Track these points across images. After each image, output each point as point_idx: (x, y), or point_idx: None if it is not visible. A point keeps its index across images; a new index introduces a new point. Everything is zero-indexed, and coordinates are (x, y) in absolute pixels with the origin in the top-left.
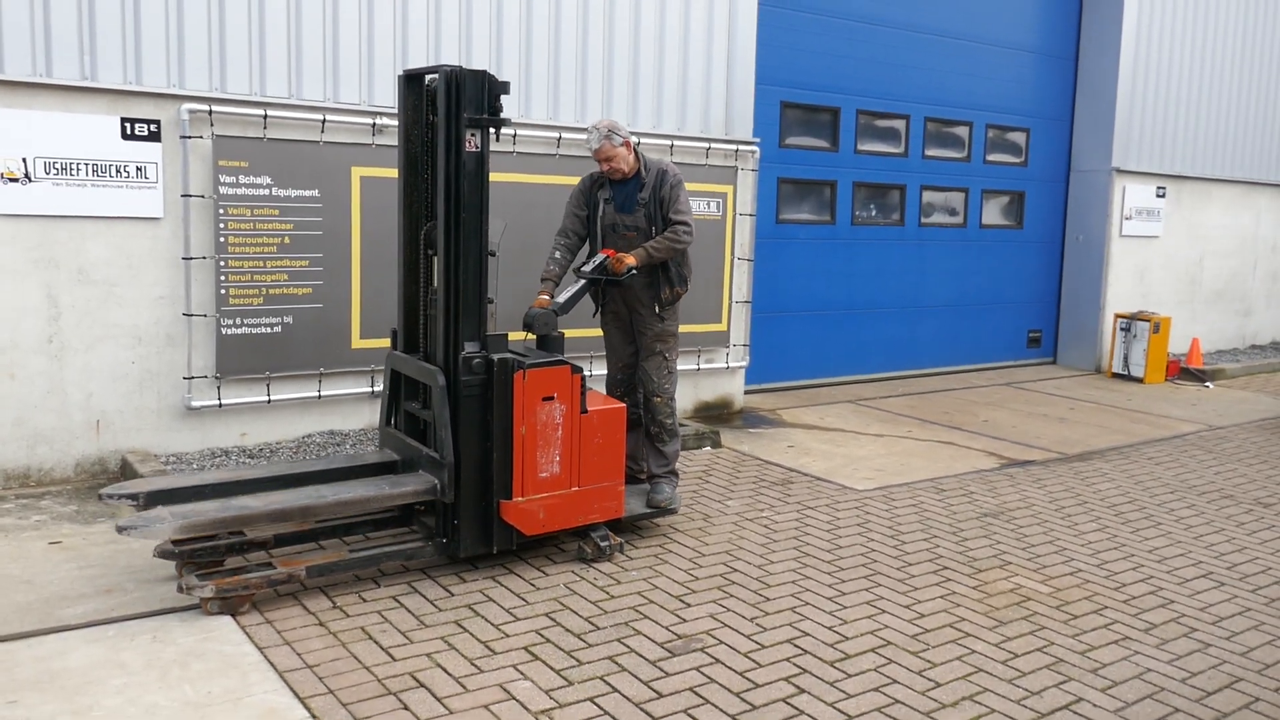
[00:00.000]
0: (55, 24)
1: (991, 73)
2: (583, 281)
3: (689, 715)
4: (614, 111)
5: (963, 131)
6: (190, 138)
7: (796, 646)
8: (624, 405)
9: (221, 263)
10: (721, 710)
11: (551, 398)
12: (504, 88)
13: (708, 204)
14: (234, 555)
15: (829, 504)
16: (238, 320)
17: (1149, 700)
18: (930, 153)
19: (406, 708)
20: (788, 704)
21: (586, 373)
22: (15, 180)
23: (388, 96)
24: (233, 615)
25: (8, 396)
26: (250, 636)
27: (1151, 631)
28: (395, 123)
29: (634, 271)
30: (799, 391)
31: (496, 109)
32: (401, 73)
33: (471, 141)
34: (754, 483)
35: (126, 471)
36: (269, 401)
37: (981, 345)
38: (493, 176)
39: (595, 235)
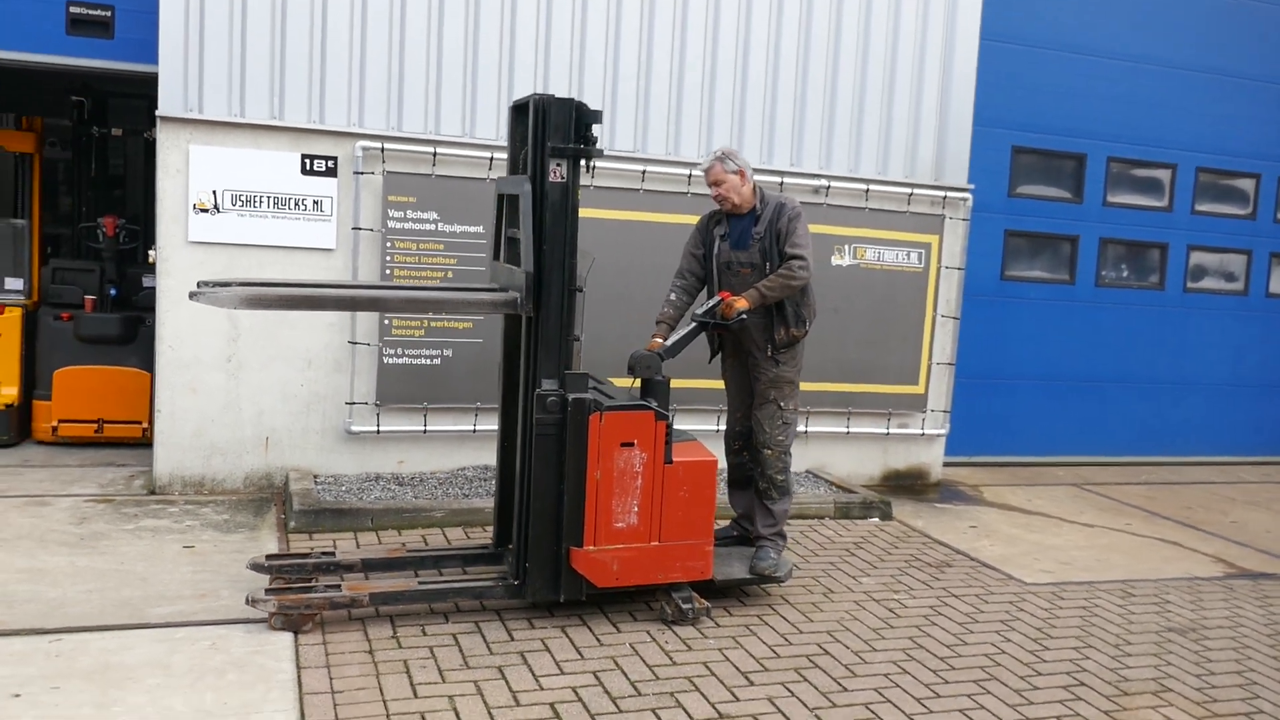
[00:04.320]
0: (250, 69)
1: None
2: (693, 325)
3: None
4: (804, 153)
5: (1246, 184)
6: (363, 174)
7: None
8: (714, 459)
9: None
10: None
11: (631, 444)
12: (595, 117)
13: (907, 254)
14: (326, 574)
15: (980, 594)
16: (399, 350)
17: None
18: (1202, 208)
19: None
20: None
21: (714, 429)
22: (206, 211)
23: None
24: (295, 632)
25: (190, 409)
26: (298, 655)
27: None
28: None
29: (744, 316)
30: (1018, 469)
31: (588, 139)
32: (511, 104)
33: (556, 171)
34: (906, 561)
35: (288, 488)
36: (425, 432)
37: (1261, 434)
38: (633, 216)
39: (711, 274)
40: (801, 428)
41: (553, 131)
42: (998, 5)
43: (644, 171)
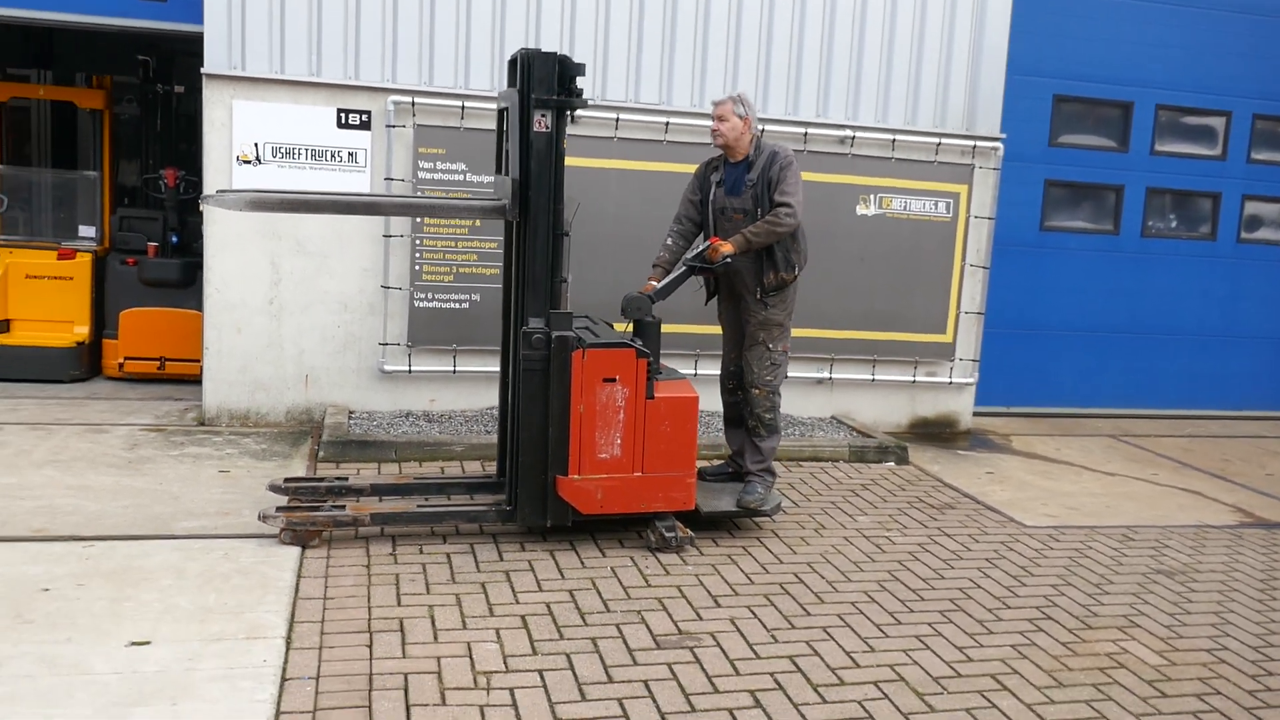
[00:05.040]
0: (289, 28)
1: None
2: (682, 269)
3: (622, 706)
4: (830, 104)
5: None
6: (394, 127)
7: (793, 664)
8: (695, 395)
9: (417, 241)
10: (654, 705)
11: (613, 380)
12: (578, 69)
13: (935, 204)
14: (339, 496)
15: (973, 534)
16: (429, 295)
17: None
18: (1260, 156)
19: (369, 646)
20: (730, 713)
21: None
22: (248, 162)
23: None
24: (303, 546)
25: (235, 348)
26: (300, 566)
27: None
28: (588, 114)
29: (728, 259)
30: (1057, 420)
31: (572, 90)
32: (509, 58)
33: (541, 122)
34: (908, 503)
35: (325, 421)
36: (454, 372)
37: None
38: (658, 167)
39: (708, 220)
40: (825, 374)
41: (537, 84)
42: None
43: (667, 123)
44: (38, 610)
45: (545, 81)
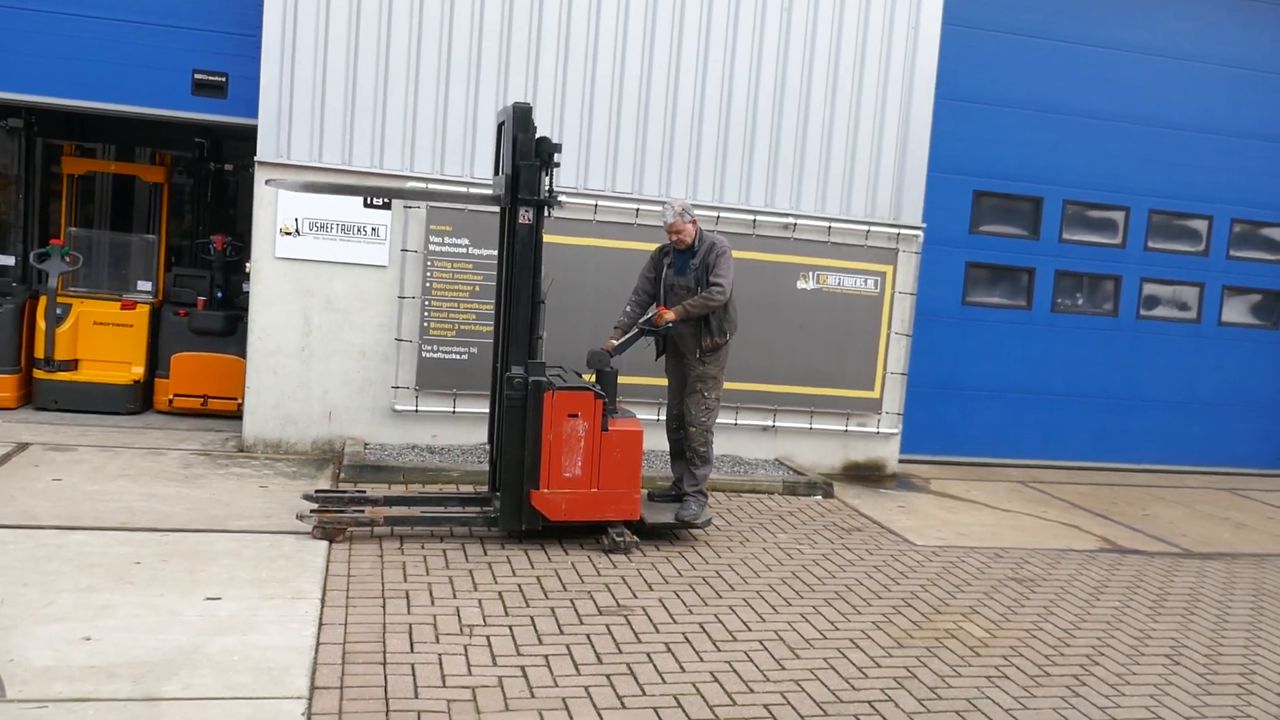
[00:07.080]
0: (327, 126)
1: (1237, 165)
2: (634, 331)
3: (569, 648)
4: (778, 195)
5: (1199, 225)
6: (410, 207)
7: (701, 628)
8: (641, 429)
9: (426, 302)
10: (591, 649)
11: (576, 415)
12: (555, 162)
13: (865, 281)
14: (357, 504)
15: (869, 549)
16: (435, 347)
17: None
18: (1155, 245)
19: (382, 607)
20: (649, 657)
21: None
22: (290, 234)
23: (567, 180)
24: (330, 541)
25: (271, 388)
26: (329, 553)
27: (1033, 684)
28: (572, 200)
29: (670, 324)
30: (976, 468)
31: (551, 191)
32: (500, 166)
33: (524, 216)
34: (824, 526)
35: (343, 451)
36: (454, 412)
37: (1212, 448)
38: (629, 245)
39: (659, 293)
40: (770, 423)
41: (522, 187)
42: (962, 69)
43: (638, 209)
44: (134, 576)
45: (528, 185)
